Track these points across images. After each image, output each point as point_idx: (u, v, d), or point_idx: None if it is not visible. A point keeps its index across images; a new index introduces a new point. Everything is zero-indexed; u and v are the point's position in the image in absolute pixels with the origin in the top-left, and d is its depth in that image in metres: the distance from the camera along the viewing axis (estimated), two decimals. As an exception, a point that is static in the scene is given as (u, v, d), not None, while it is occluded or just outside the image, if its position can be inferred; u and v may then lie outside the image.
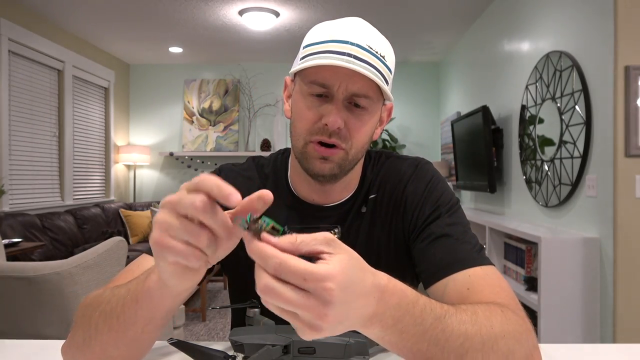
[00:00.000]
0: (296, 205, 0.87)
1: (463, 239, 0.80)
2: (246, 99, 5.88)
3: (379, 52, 0.75)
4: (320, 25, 0.80)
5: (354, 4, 3.92)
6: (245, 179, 0.89)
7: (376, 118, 0.82)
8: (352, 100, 0.76)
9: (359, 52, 0.73)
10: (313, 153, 0.78)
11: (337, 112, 0.75)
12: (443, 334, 0.57)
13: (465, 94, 4.76)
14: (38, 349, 0.86)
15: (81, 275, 1.90)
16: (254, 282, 0.89)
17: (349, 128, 0.77)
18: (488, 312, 0.62)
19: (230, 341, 0.69)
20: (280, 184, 0.89)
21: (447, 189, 0.87)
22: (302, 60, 0.76)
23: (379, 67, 0.75)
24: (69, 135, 4.66)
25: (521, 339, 0.62)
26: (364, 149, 0.82)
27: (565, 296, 2.32)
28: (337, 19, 0.80)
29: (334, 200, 0.87)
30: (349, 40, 0.74)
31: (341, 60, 0.71)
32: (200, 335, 3.50)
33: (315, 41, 0.76)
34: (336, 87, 0.74)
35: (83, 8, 4.08)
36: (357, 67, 0.71)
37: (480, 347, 0.58)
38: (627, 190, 2.19)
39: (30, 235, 3.57)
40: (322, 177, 0.79)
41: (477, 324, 0.59)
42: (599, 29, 2.34)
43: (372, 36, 0.77)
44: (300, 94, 0.79)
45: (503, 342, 0.60)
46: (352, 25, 0.77)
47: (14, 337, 0.89)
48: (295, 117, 0.81)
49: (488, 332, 0.59)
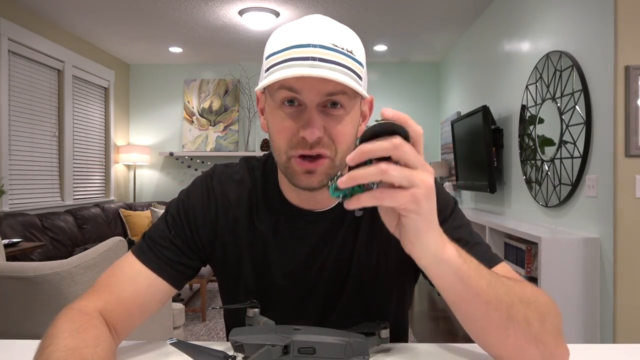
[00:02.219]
0: (287, 211, 0.85)
1: (473, 240, 0.80)
2: (246, 99, 5.88)
3: (345, 47, 0.70)
4: (278, 30, 0.75)
5: (354, 4, 3.92)
6: (236, 184, 0.88)
7: (356, 115, 0.76)
8: (326, 103, 0.71)
9: (324, 53, 0.68)
10: (297, 168, 0.74)
11: (313, 121, 0.70)
12: (492, 276, 0.65)
13: (465, 94, 4.76)
14: (38, 349, 0.86)
15: (81, 275, 1.89)
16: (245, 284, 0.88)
17: (329, 133, 0.72)
18: (521, 284, 0.70)
19: (230, 341, 0.69)
20: (269, 188, 0.87)
21: (443, 191, 0.85)
22: (267, 73, 0.72)
23: (348, 63, 0.70)
24: (69, 135, 4.66)
25: (551, 311, 0.69)
26: (350, 150, 0.80)
27: (566, 296, 2.32)
28: (296, 20, 0.75)
29: (325, 205, 0.84)
30: (310, 42, 0.69)
31: (306, 67, 0.67)
32: (200, 335, 3.50)
33: (276, 50, 0.71)
34: (306, 92, 0.70)
35: (83, 8, 4.08)
36: (324, 71, 0.67)
37: (519, 301, 0.65)
38: (627, 190, 2.19)
39: (30, 235, 3.57)
40: (310, 189, 0.76)
41: (514, 286, 0.67)
42: (599, 29, 2.34)
43: (335, 32, 0.71)
44: (272, 108, 0.75)
45: (534, 305, 0.66)
46: (312, 25, 0.71)
47: (14, 337, 0.89)
48: (272, 132, 0.76)
49: (522, 294, 0.67)
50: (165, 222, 0.85)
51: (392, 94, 5.86)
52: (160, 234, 0.84)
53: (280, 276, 0.85)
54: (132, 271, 0.81)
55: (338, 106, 0.72)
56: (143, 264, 0.81)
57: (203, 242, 0.85)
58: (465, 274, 0.63)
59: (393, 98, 5.84)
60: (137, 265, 0.81)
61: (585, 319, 2.33)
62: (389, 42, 5.03)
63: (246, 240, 0.85)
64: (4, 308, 1.95)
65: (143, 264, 0.81)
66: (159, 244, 0.83)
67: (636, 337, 2.17)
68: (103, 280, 0.81)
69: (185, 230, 0.84)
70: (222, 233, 0.86)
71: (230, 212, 0.86)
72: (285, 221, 0.85)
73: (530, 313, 0.65)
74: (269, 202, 0.86)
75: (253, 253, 0.85)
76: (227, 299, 0.92)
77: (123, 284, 0.79)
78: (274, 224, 0.85)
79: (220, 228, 0.86)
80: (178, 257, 0.83)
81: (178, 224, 0.85)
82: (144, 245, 0.84)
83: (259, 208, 0.86)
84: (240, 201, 0.86)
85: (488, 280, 0.64)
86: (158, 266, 0.81)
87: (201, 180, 0.89)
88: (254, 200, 0.86)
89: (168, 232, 0.84)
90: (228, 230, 0.86)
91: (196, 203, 0.86)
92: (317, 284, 0.84)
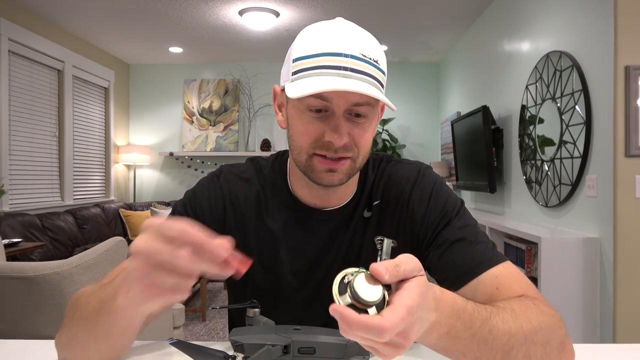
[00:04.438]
0: (296, 208, 0.86)
1: (477, 239, 0.81)
2: (246, 99, 5.88)
3: (372, 57, 0.73)
4: (307, 33, 0.77)
5: (354, 4, 3.92)
6: (244, 182, 0.89)
7: (376, 122, 0.81)
8: (352, 111, 0.74)
9: (354, 64, 0.71)
10: (319, 167, 0.76)
11: (341, 128, 0.73)
12: (490, 334, 0.61)
13: (465, 94, 4.76)
14: (38, 349, 0.86)
15: (81, 275, 1.90)
16: (253, 282, 0.89)
17: (353, 138, 0.75)
18: (524, 307, 0.67)
19: (230, 341, 0.69)
20: (279, 186, 0.88)
21: (451, 193, 0.87)
22: (295, 77, 0.73)
23: (375, 74, 0.73)
24: (69, 135, 4.66)
25: (555, 328, 0.67)
26: (368, 152, 0.82)
27: (565, 296, 2.32)
28: (323, 23, 0.77)
29: (334, 204, 0.86)
30: (342, 52, 0.71)
31: (337, 77, 0.70)
32: (200, 335, 3.50)
33: (306, 54, 0.73)
34: (335, 100, 0.72)
35: (83, 8, 4.08)
36: (355, 82, 0.69)
37: (523, 341, 0.63)
38: (627, 190, 2.19)
39: (30, 235, 3.57)
40: (331, 187, 0.80)
41: (517, 320, 0.64)
42: (599, 29, 2.34)
43: (364, 41, 0.74)
44: (296, 109, 0.76)
45: (541, 334, 0.64)
46: (343, 32, 0.73)
47: (14, 337, 0.89)
48: (294, 132, 0.78)
49: (528, 327, 0.64)
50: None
51: (392, 94, 5.86)
52: None
53: (289, 274, 0.85)
54: None
55: (362, 115, 0.75)
56: None
57: None
58: (448, 349, 0.60)
59: (393, 98, 5.84)
60: None
61: (585, 319, 2.32)
62: (389, 42, 5.03)
63: (255, 237, 0.86)
64: (4, 308, 1.95)
65: None
66: None
67: (636, 337, 2.17)
68: (113, 274, 0.80)
69: None
70: (230, 230, 0.86)
71: (238, 210, 0.87)
72: (295, 219, 0.86)
73: (532, 347, 0.63)
74: (279, 200, 0.87)
75: (262, 250, 0.86)
76: (235, 297, 0.92)
77: None
78: (284, 222, 0.86)
79: (228, 225, 0.86)
80: None
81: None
82: None
83: (268, 206, 0.87)
84: (248, 199, 0.87)
85: (481, 339, 0.60)
86: None
87: (207, 180, 0.90)
88: (262, 198, 0.87)
89: None
90: (236, 228, 0.86)
91: (203, 201, 0.87)
92: (325, 283, 0.85)
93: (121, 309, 0.59)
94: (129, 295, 0.56)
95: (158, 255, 0.50)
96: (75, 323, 0.68)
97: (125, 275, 0.57)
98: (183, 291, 0.51)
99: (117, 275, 0.80)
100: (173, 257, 0.49)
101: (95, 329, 0.65)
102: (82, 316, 0.67)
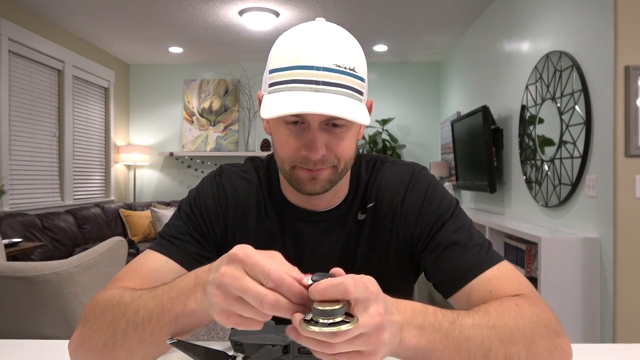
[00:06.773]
0: (288, 211, 0.87)
1: (471, 242, 0.79)
2: (246, 99, 5.88)
3: (347, 66, 0.71)
4: (283, 41, 0.75)
5: (354, 4, 3.92)
6: (246, 181, 0.90)
7: (357, 127, 0.79)
8: (329, 122, 0.73)
9: (328, 76, 0.69)
10: (301, 176, 0.77)
11: (315, 143, 0.72)
12: (462, 335, 0.60)
13: (465, 94, 4.76)
14: (38, 349, 0.86)
15: (81, 275, 1.90)
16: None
17: (331, 149, 0.75)
18: (501, 308, 0.66)
19: (230, 341, 0.69)
20: (272, 189, 0.89)
21: (446, 194, 0.86)
22: (271, 89, 0.73)
23: (351, 83, 0.71)
24: (69, 135, 4.66)
25: (540, 329, 0.66)
26: (352, 158, 0.81)
27: (565, 296, 2.32)
28: (299, 30, 0.75)
29: (325, 206, 0.86)
30: (314, 65, 0.69)
31: (310, 91, 0.69)
32: (200, 335, 3.50)
33: (280, 66, 0.72)
34: (310, 115, 0.72)
35: (83, 8, 4.08)
36: (328, 98, 0.68)
37: (498, 342, 0.62)
38: (627, 190, 2.19)
39: (30, 235, 3.57)
40: (314, 194, 0.80)
41: (490, 321, 0.63)
42: (599, 29, 2.34)
43: (338, 50, 0.71)
44: (275, 121, 0.76)
45: (519, 334, 0.63)
46: (316, 42, 0.71)
47: (14, 337, 0.89)
48: (276, 143, 0.78)
49: (502, 328, 0.63)
50: (181, 219, 0.86)
51: (392, 94, 5.86)
52: (178, 230, 0.84)
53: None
54: (154, 264, 0.80)
55: (339, 125, 0.74)
56: (167, 257, 0.80)
57: (217, 236, 0.87)
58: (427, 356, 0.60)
59: (393, 98, 5.85)
60: (160, 258, 0.80)
61: (585, 319, 2.32)
62: (389, 42, 5.03)
63: (255, 236, 0.87)
64: (4, 308, 1.95)
65: (167, 256, 0.80)
66: (178, 238, 0.83)
67: (636, 337, 2.17)
68: (123, 274, 0.79)
69: (201, 224, 0.85)
70: (232, 228, 0.87)
71: (239, 207, 0.88)
72: (287, 220, 0.87)
73: (511, 348, 0.62)
74: (274, 201, 0.88)
75: (261, 249, 0.86)
76: None
77: (145, 275, 0.78)
78: (280, 222, 0.87)
79: (230, 222, 0.87)
80: (200, 250, 0.83)
81: (193, 219, 0.86)
82: (163, 241, 0.83)
83: (267, 206, 0.88)
84: (249, 197, 0.88)
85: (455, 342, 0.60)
86: (184, 259, 0.81)
87: (210, 178, 0.91)
88: (261, 198, 0.88)
89: (186, 227, 0.85)
90: (238, 225, 0.87)
91: (207, 199, 0.87)
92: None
93: (195, 313, 0.60)
94: (206, 312, 0.59)
95: (246, 295, 0.51)
96: (119, 329, 0.65)
97: (201, 295, 0.59)
98: (260, 324, 0.53)
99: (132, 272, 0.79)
100: (258, 303, 0.50)
101: (153, 335, 0.63)
102: (130, 322, 0.64)
